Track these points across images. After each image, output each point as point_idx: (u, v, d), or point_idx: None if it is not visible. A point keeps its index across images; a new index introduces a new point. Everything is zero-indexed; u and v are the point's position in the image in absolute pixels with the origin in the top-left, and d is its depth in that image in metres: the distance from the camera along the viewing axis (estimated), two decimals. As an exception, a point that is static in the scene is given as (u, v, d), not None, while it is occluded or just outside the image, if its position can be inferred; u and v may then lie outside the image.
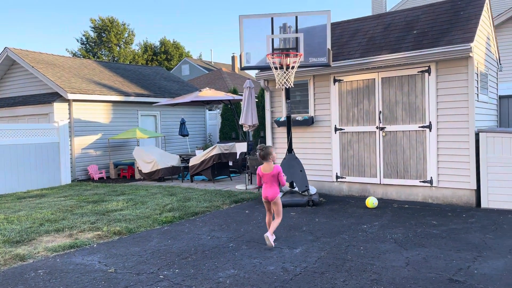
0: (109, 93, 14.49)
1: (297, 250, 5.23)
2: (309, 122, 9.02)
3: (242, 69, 7.60)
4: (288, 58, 7.31)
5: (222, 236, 5.98)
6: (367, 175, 8.53)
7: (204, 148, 15.39)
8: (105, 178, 13.96)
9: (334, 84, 8.82)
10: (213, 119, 19.15)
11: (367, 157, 8.51)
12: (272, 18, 7.45)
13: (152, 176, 12.35)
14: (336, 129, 8.84)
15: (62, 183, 12.67)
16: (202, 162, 11.31)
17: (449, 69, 7.58)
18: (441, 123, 7.69)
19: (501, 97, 9.90)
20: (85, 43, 45.35)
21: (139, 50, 47.65)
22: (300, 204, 7.84)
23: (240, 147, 11.82)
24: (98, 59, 40.22)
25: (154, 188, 10.60)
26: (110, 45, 44.53)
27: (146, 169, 12.40)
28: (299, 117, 9.14)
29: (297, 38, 7.45)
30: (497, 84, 9.58)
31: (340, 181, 8.88)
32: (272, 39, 7.49)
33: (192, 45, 79.70)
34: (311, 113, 9.12)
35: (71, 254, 5.38)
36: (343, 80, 8.72)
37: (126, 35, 45.73)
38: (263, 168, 5.61)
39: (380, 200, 8.15)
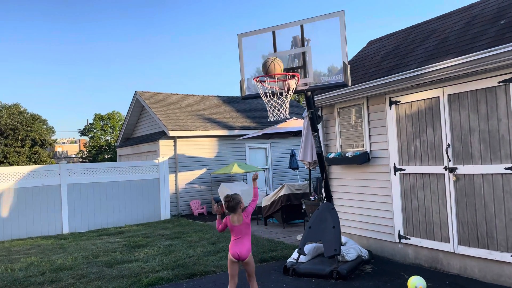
0: (212, 128, 14.41)
1: None
2: (362, 159, 6.77)
3: (244, 98, 6.13)
4: (288, 81, 5.54)
5: (161, 319, 4.64)
6: (437, 237, 5.81)
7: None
8: (205, 214, 13.76)
9: (391, 108, 6.43)
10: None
11: (436, 211, 5.81)
12: (273, 32, 5.84)
13: (234, 216, 11.45)
14: (395, 169, 6.38)
15: (161, 218, 12.94)
16: (272, 203, 9.89)
17: (548, 73, 4.56)
18: (541, 163, 4.64)
19: None
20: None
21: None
22: (321, 275, 5.76)
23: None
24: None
25: (212, 232, 9.67)
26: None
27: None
28: (349, 153, 6.99)
29: (303, 53, 5.63)
30: None
31: (404, 243, 6.31)
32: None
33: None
34: (366, 147, 6.86)
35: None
36: (400, 101, 6.28)
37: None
38: (232, 219, 4.47)
39: (455, 278, 5.38)
